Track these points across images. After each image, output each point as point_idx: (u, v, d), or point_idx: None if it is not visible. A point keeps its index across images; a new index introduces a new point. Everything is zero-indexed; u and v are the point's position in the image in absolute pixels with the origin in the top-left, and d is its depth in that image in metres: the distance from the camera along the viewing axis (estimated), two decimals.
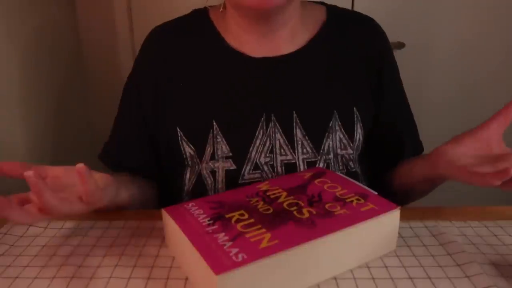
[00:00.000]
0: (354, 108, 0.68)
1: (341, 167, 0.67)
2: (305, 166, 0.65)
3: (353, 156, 0.68)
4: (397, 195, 0.70)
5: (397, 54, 1.32)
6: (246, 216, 0.46)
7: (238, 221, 0.45)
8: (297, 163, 0.65)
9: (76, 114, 1.27)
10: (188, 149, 0.67)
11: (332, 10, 0.73)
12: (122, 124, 0.73)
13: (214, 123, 0.65)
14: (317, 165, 0.65)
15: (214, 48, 0.69)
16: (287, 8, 0.64)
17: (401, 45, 1.33)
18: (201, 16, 0.72)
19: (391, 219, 0.48)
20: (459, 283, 0.43)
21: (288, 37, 0.68)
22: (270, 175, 0.65)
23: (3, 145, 0.88)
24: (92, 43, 1.34)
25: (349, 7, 1.31)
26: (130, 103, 0.72)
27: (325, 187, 0.53)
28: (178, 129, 0.67)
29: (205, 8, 0.74)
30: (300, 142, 0.66)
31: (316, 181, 0.55)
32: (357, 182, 0.55)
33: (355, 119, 0.68)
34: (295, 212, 0.47)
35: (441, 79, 1.39)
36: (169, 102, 0.69)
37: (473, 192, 1.50)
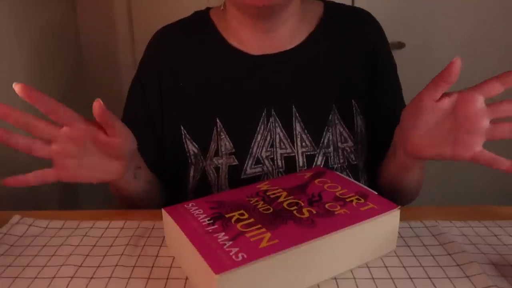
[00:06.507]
0: (353, 101, 0.69)
1: (342, 160, 0.68)
2: (304, 160, 0.66)
3: (354, 149, 0.69)
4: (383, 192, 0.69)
5: (397, 54, 1.32)
6: (246, 215, 0.46)
7: (238, 220, 0.45)
8: (296, 156, 0.66)
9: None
10: (192, 147, 0.68)
11: (329, 5, 0.74)
12: (128, 124, 0.73)
13: (218, 121, 0.66)
14: (316, 159, 0.66)
15: (215, 47, 0.70)
16: (288, 6, 0.65)
17: (401, 45, 1.33)
18: (202, 17, 0.73)
19: (391, 219, 0.48)
20: (459, 283, 0.43)
21: (287, 34, 0.68)
22: (270, 169, 0.66)
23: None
24: (92, 43, 1.34)
25: None
26: (136, 103, 0.72)
27: (325, 186, 0.53)
28: (182, 128, 0.69)
29: (206, 9, 0.75)
30: (299, 136, 0.67)
31: (316, 181, 0.55)
32: (357, 182, 0.55)
33: (354, 111, 0.69)
34: (295, 212, 0.47)
35: None
36: (173, 101, 0.70)
37: (473, 192, 1.50)
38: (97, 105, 0.47)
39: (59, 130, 0.49)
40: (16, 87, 0.46)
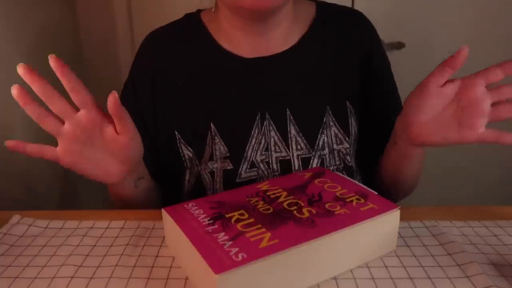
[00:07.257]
0: (347, 102, 0.69)
1: (338, 162, 0.68)
2: (300, 163, 0.66)
3: (350, 150, 0.69)
4: (384, 185, 0.70)
5: (397, 54, 1.33)
6: (246, 215, 0.46)
7: (238, 220, 0.45)
8: (292, 159, 0.66)
9: None
10: (186, 152, 0.68)
11: (321, 6, 0.73)
12: None
13: (212, 125, 0.66)
14: (311, 161, 0.66)
15: (207, 51, 0.69)
16: (281, 10, 0.64)
17: (401, 45, 1.33)
18: (193, 19, 0.72)
19: (391, 219, 0.48)
20: (459, 283, 0.43)
21: (280, 36, 0.68)
22: (266, 172, 0.66)
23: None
24: (92, 43, 1.34)
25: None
26: (129, 104, 0.71)
27: (325, 186, 0.53)
28: (176, 133, 0.68)
29: (197, 11, 0.74)
30: (294, 139, 0.66)
31: (316, 181, 0.55)
32: (357, 182, 0.55)
33: (349, 113, 0.69)
34: (295, 212, 0.47)
35: None
36: (166, 106, 0.69)
37: (473, 192, 1.50)
38: (112, 97, 0.48)
39: (75, 112, 0.50)
40: (51, 59, 0.48)
